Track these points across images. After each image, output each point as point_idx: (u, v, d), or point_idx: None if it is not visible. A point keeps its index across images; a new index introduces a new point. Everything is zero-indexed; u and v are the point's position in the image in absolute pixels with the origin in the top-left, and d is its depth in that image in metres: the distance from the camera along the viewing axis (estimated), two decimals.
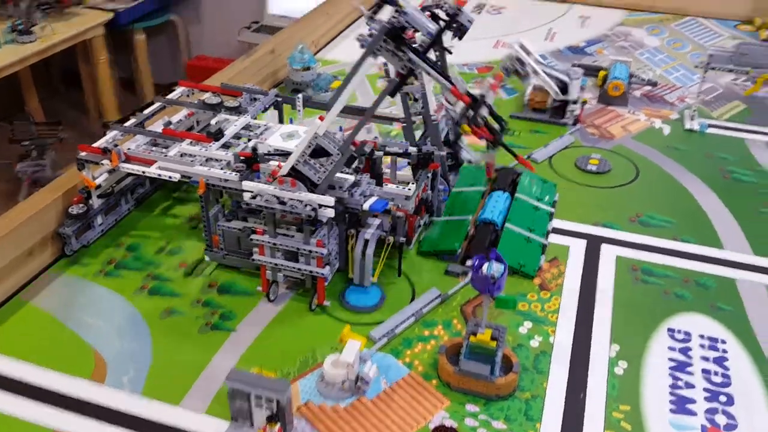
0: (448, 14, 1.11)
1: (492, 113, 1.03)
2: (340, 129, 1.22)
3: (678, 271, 1.13)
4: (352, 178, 1.01)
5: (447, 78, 0.97)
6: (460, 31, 1.09)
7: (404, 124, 1.26)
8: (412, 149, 1.11)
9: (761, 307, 1.05)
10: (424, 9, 1.12)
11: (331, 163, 0.96)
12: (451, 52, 1.11)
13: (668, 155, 1.48)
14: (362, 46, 0.99)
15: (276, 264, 1.00)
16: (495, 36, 2.14)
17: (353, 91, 0.96)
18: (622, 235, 1.22)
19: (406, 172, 1.16)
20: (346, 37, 2.12)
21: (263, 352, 0.96)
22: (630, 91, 1.74)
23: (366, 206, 0.99)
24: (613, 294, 1.08)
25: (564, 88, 1.50)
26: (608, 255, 1.17)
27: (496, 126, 1.03)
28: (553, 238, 1.21)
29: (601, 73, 1.79)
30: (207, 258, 1.11)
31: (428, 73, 0.96)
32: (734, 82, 1.82)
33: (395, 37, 0.93)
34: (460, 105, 1.00)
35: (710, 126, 1.59)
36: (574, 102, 1.59)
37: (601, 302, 1.06)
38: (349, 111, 1.25)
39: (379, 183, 1.07)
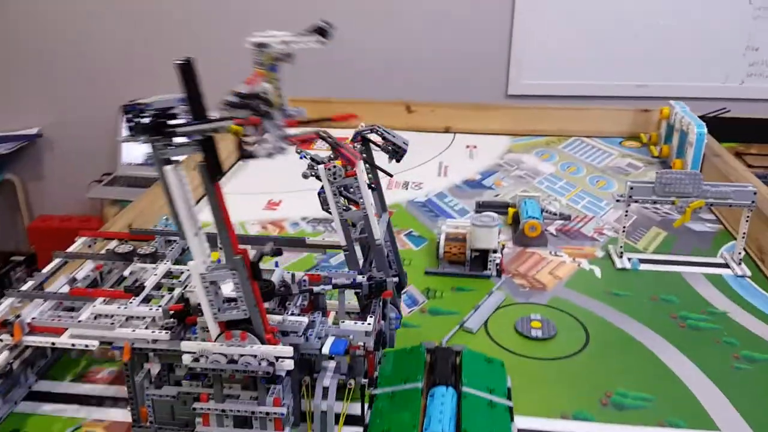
0: (383, 138, 1.15)
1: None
2: (276, 264, 1.03)
3: None
4: (305, 320, 0.89)
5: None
6: (397, 154, 1.17)
7: (346, 252, 1.12)
8: (361, 279, 1.01)
9: None
10: (356, 135, 1.14)
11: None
12: (391, 175, 1.17)
13: (611, 304, 1.30)
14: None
15: None
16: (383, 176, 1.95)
17: (189, 211, 0.81)
18: (600, 428, 0.99)
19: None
20: None
21: None
22: (545, 228, 1.59)
23: (326, 350, 0.89)
24: None
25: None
26: None
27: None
28: None
29: (511, 210, 1.63)
30: None
31: (204, 131, 0.78)
32: (644, 207, 1.72)
33: (157, 132, 0.80)
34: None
35: (641, 261, 1.45)
36: (494, 251, 1.40)
37: None
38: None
39: (324, 315, 0.99)
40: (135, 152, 2.84)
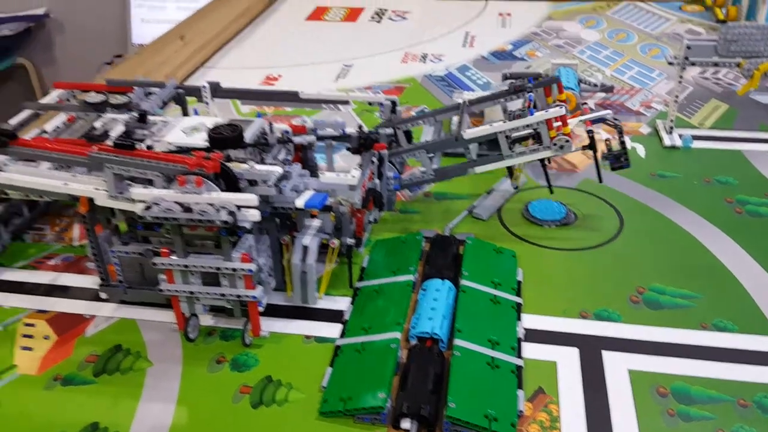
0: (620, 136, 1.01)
1: None
2: (259, 115, 0.93)
3: (727, 386, 0.73)
4: (278, 170, 0.80)
5: None
6: (618, 162, 1.01)
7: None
8: (351, 130, 0.96)
9: None
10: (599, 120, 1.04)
11: None
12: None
13: (654, 187, 1.09)
14: None
15: (191, 292, 0.81)
16: (401, 48, 1.73)
17: None
18: (628, 330, 0.81)
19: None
20: (212, 68, 1.65)
21: None
22: (582, 102, 1.35)
23: (300, 203, 0.81)
24: None
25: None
26: (616, 371, 0.76)
27: None
28: (529, 351, 0.79)
29: None
30: (103, 296, 0.89)
31: None
32: (702, 76, 1.46)
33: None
34: None
35: (694, 138, 1.22)
36: None
37: None
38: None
39: (314, 174, 0.92)
40: (147, 32, 2.66)
